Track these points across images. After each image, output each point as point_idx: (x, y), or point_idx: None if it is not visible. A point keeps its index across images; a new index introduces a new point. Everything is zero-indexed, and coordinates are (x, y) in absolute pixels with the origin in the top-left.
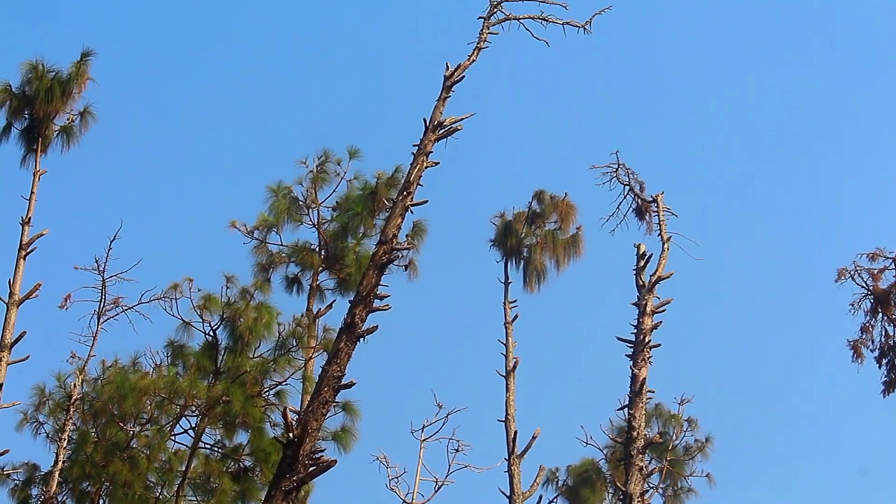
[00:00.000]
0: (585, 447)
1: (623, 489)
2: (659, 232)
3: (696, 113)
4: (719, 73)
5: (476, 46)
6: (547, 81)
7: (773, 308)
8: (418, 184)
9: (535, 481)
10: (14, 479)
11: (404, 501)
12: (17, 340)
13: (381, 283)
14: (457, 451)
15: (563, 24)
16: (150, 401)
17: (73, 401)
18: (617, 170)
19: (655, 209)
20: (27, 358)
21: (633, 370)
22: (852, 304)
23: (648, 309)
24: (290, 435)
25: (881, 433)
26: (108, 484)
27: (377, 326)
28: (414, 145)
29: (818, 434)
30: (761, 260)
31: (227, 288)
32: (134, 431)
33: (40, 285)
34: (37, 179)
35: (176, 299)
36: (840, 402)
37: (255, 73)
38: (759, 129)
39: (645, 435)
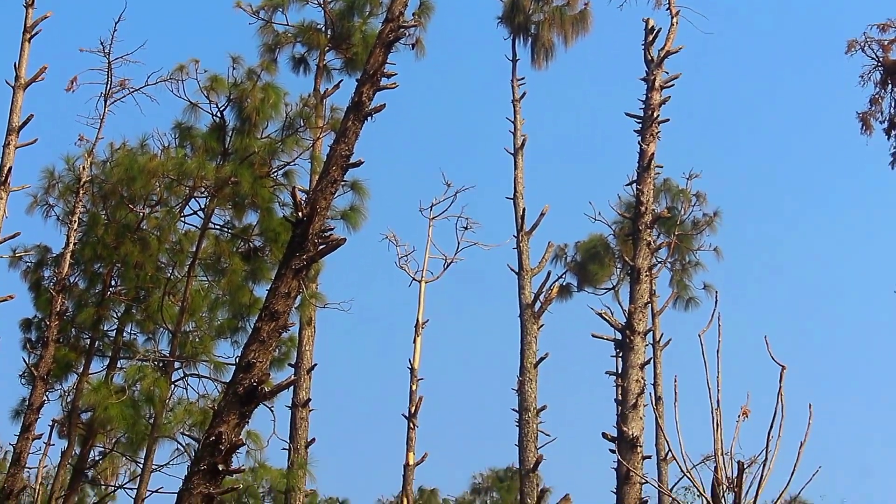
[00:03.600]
0: (594, 223)
1: (631, 264)
2: (668, 6)
3: None
4: None
5: None
6: None
7: (780, 80)
8: None
9: (543, 257)
10: (26, 262)
11: (413, 279)
12: (24, 123)
13: (388, 61)
14: (465, 228)
15: None
16: (158, 182)
17: (82, 183)
18: None
19: None
20: (35, 141)
21: (641, 145)
22: (862, 76)
23: (657, 84)
24: (300, 214)
25: (888, 204)
26: (119, 265)
27: (385, 105)
28: None
29: (825, 206)
30: (770, 32)
31: (234, 69)
32: (144, 213)
33: (46, 68)
34: None
35: (182, 81)
36: (848, 174)
37: None
38: None
39: (653, 210)
